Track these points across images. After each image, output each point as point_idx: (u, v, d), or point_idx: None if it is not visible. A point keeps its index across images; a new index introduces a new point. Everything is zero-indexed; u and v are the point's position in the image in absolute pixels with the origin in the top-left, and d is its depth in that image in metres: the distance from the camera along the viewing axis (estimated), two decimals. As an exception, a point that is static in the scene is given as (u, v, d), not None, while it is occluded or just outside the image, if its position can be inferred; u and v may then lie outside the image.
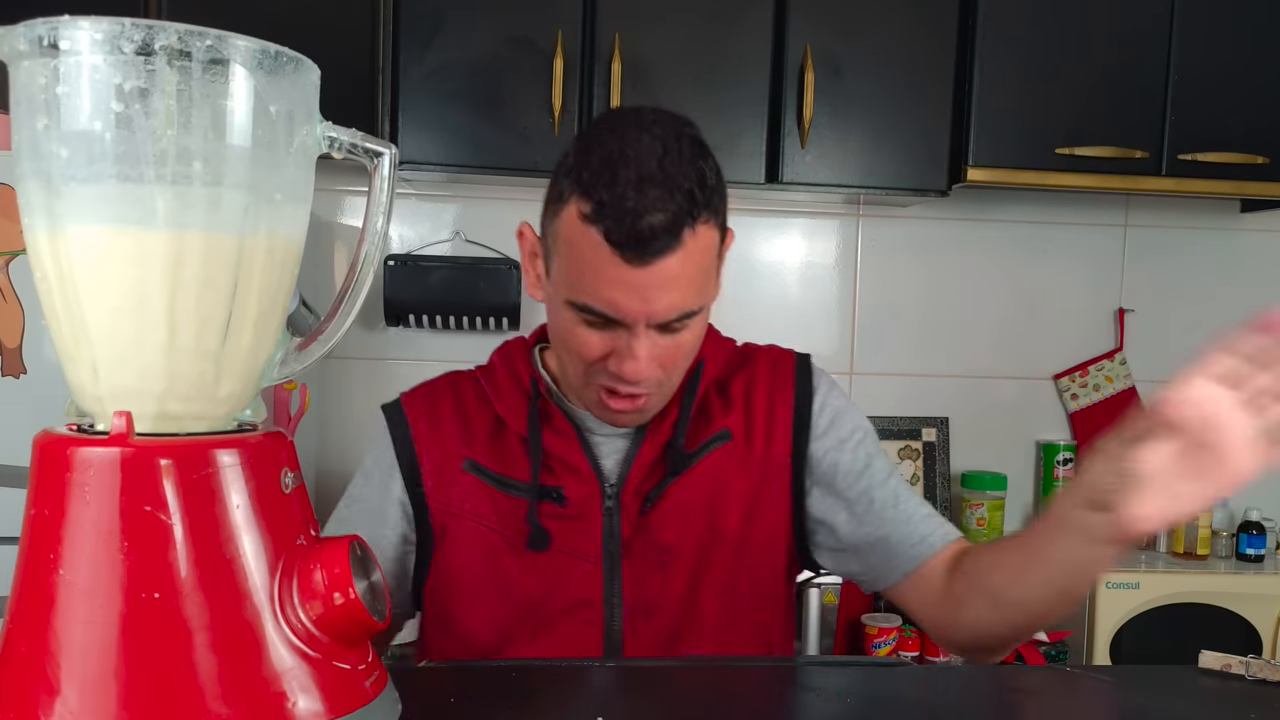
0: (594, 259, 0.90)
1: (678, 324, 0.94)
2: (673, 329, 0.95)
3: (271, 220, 0.59)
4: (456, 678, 0.79)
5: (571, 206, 0.92)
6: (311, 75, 0.60)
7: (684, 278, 0.92)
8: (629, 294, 0.90)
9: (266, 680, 0.56)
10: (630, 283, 0.90)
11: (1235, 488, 0.77)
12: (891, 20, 2.11)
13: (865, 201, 2.45)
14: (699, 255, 0.92)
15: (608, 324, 0.93)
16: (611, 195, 0.89)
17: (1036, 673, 1.23)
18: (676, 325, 0.94)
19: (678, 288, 0.92)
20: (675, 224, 0.89)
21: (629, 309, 0.91)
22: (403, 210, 2.36)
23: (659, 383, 0.98)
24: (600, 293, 0.91)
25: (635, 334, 0.93)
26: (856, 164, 2.12)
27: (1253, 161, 2.15)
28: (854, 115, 2.11)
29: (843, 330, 2.49)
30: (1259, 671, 0.82)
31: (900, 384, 2.49)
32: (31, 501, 0.56)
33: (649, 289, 0.90)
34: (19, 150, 0.56)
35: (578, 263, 0.92)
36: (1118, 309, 2.53)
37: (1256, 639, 2.15)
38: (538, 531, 1.01)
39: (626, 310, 0.91)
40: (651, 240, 0.88)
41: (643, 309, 0.91)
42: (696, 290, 0.94)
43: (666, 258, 0.89)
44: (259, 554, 0.57)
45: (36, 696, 0.53)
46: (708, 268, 0.95)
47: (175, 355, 0.57)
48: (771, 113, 2.09)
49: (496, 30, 2.03)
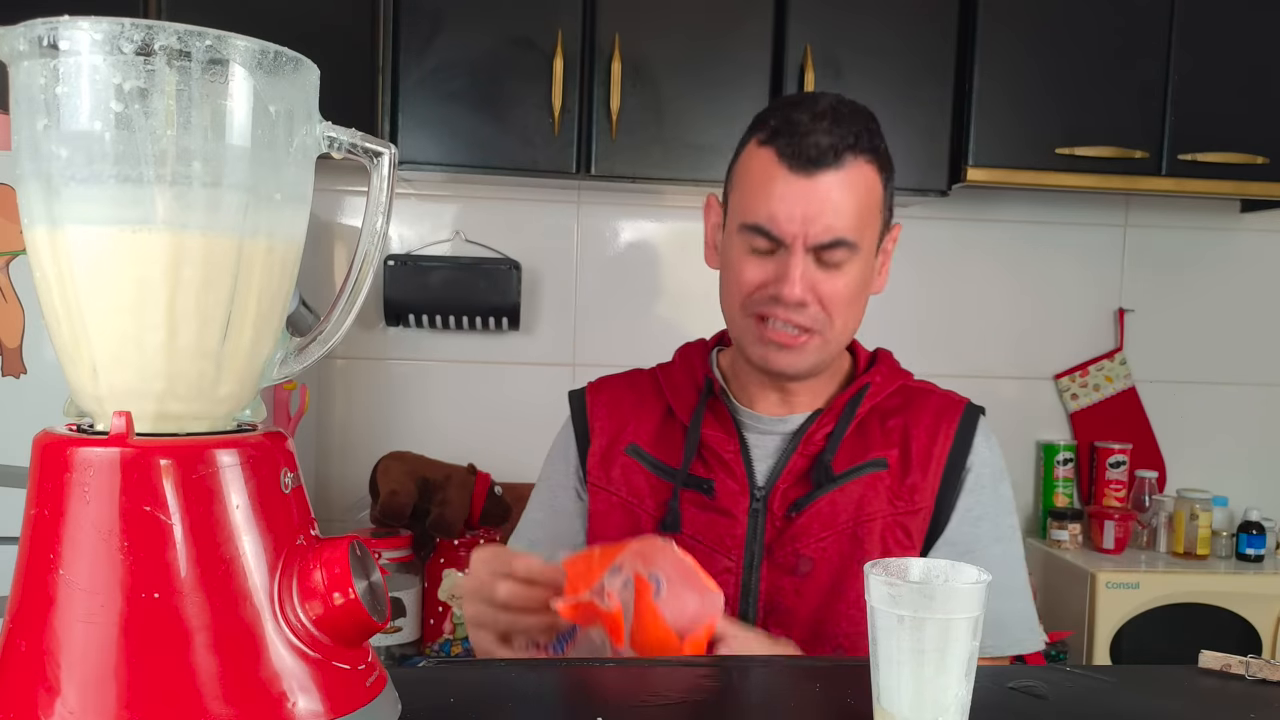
0: (763, 175, 1.02)
1: (833, 253, 1.02)
2: (828, 261, 1.02)
3: (271, 220, 0.59)
4: (456, 678, 0.79)
5: (751, 142, 1.05)
6: (311, 75, 0.60)
7: (843, 203, 1.01)
8: (790, 207, 1.00)
9: (266, 680, 0.56)
10: (793, 195, 1.00)
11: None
12: (891, 20, 2.11)
13: (865, 201, 2.45)
14: (859, 187, 1.02)
15: (770, 249, 1.03)
16: (785, 120, 1.02)
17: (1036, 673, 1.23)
18: (832, 256, 1.02)
19: (836, 209, 1.01)
20: (839, 145, 1.00)
21: (789, 223, 1.01)
22: (403, 210, 2.36)
23: (814, 321, 1.03)
24: (765, 207, 1.01)
25: (793, 254, 1.01)
26: (856, 164, 2.12)
27: (1253, 161, 2.15)
28: (854, 115, 2.11)
29: (843, 330, 2.49)
30: (1259, 671, 0.82)
31: (900, 384, 2.49)
32: (31, 501, 0.56)
33: (809, 203, 1.00)
34: (19, 150, 0.56)
35: (749, 183, 1.04)
36: (1118, 309, 2.53)
37: (1256, 639, 2.15)
38: (673, 514, 1.06)
39: (786, 225, 1.01)
40: (817, 155, 1.00)
41: (801, 225, 1.00)
42: (854, 222, 1.02)
43: (828, 172, 1.00)
44: (259, 554, 0.57)
45: (36, 696, 0.53)
46: (868, 207, 1.03)
47: (175, 355, 0.57)
48: (771, 113, 2.09)
49: (496, 30, 2.03)
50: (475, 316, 2.29)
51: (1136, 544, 2.37)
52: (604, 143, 2.05)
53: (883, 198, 1.06)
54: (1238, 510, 2.37)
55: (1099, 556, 2.29)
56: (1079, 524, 2.38)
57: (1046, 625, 2.18)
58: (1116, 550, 2.31)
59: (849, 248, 1.02)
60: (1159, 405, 2.53)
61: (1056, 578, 2.28)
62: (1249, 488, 2.48)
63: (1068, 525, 2.35)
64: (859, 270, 1.05)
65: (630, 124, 2.05)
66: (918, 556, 1.06)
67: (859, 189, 1.02)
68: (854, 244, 1.02)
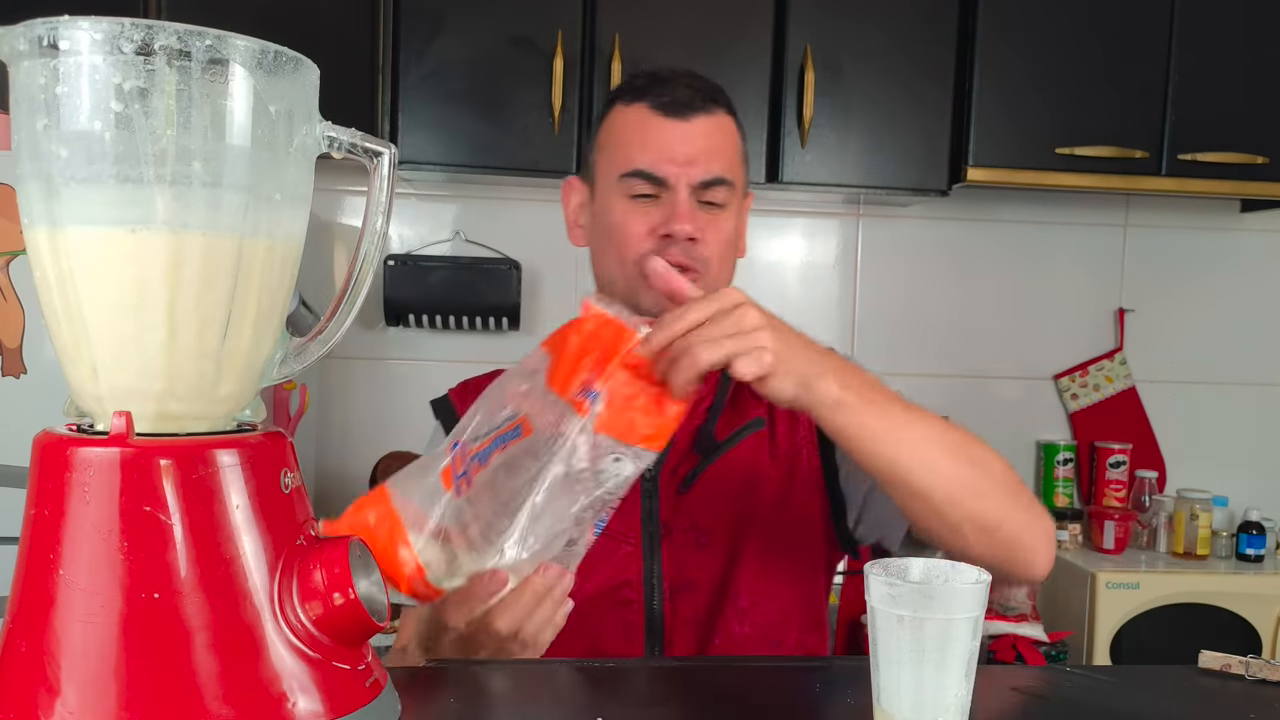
0: (639, 126, 1.06)
1: (715, 191, 1.06)
2: (711, 202, 1.06)
3: (271, 220, 0.59)
4: (456, 678, 0.79)
5: (616, 105, 1.10)
6: (311, 75, 0.60)
7: (717, 145, 1.06)
8: (670, 148, 1.05)
9: (266, 680, 0.56)
10: (671, 138, 1.05)
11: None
12: (891, 20, 2.11)
13: (865, 201, 2.45)
14: (728, 135, 1.08)
15: (654, 191, 1.05)
16: (650, 80, 1.08)
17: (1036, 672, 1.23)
18: (715, 195, 1.06)
19: (713, 151, 1.06)
20: (706, 94, 1.07)
21: (670, 164, 1.04)
22: (403, 210, 2.36)
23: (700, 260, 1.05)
24: (644, 152, 1.05)
25: (678, 192, 1.05)
26: (856, 164, 2.12)
27: (1253, 161, 2.15)
28: (854, 115, 2.11)
29: (843, 330, 2.49)
30: (1259, 671, 0.82)
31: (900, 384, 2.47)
32: (31, 501, 0.56)
33: (688, 142, 1.05)
34: (19, 150, 0.56)
35: (624, 136, 1.08)
36: (1118, 309, 2.53)
37: (1256, 639, 2.15)
38: None
39: (669, 165, 1.04)
40: (688, 101, 1.05)
41: (684, 165, 1.04)
42: (729, 165, 1.07)
43: (702, 116, 1.06)
44: (259, 554, 0.57)
45: (36, 696, 0.53)
46: (736, 157, 1.09)
47: (175, 355, 0.57)
48: (771, 113, 2.09)
49: (496, 30, 2.03)
50: (475, 316, 2.29)
51: (1136, 544, 2.37)
52: (604, 143, 2.05)
53: (744, 154, 1.12)
54: (1238, 510, 2.37)
55: (1099, 556, 2.29)
56: (1079, 524, 2.38)
57: (1047, 625, 2.18)
58: (1116, 550, 2.31)
59: (728, 187, 1.06)
60: (1159, 405, 2.53)
61: (1057, 578, 2.28)
62: (1249, 488, 2.48)
63: (1068, 525, 2.35)
64: (733, 219, 1.09)
65: (630, 124, 2.05)
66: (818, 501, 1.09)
67: (727, 135, 1.08)
68: (732, 183, 1.06)
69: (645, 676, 0.82)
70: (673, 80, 1.07)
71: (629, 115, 1.08)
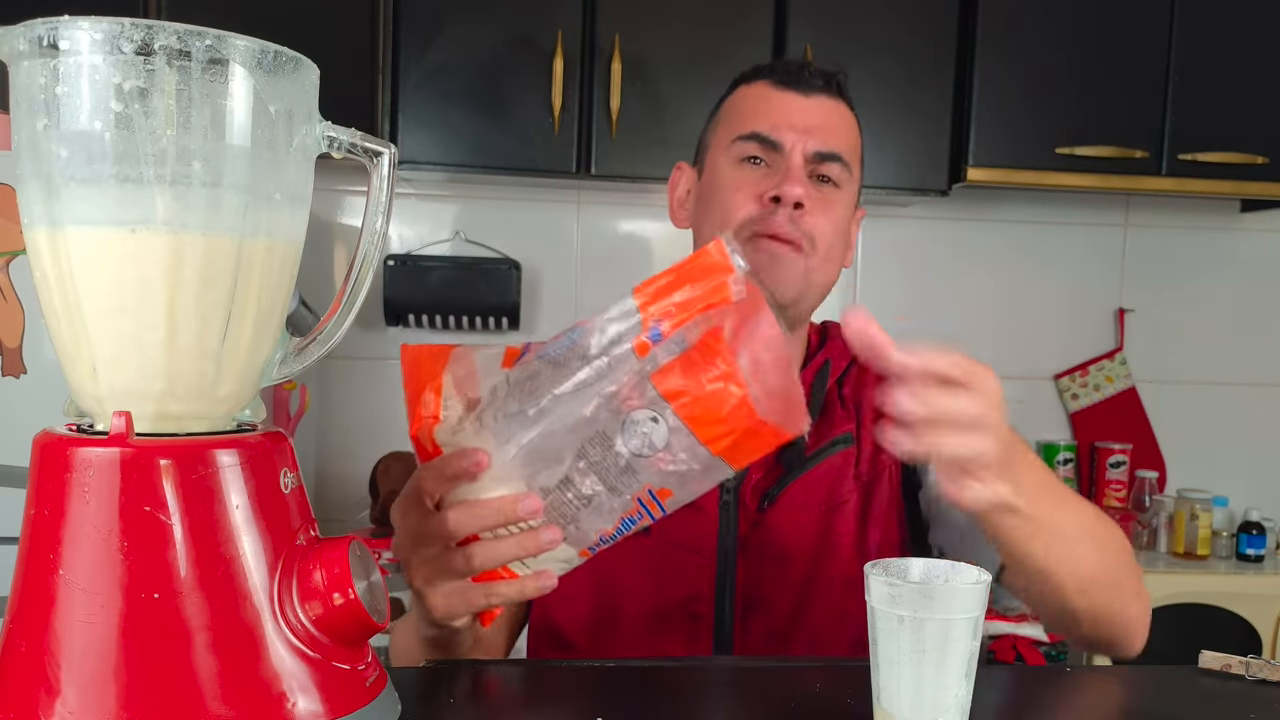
0: (759, 98, 1.04)
1: (830, 166, 1.02)
2: (824, 178, 1.02)
3: (271, 220, 0.59)
4: (456, 678, 0.79)
5: (738, 89, 1.08)
6: (311, 75, 0.60)
7: (838, 126, 1.04)
8: (789, 116, 1.02)
9: (266, 680, 0.56)
10: (791, 108, 1.02)
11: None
12: (891, 20, 2.11)
13: (865, 201, 2.45)
14: (848, 123, 1.05)
15: (766, 156, 1.02)
16: (777, 63, 1.07)
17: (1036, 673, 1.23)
18: (829, 170, 1.02)
19: (832, 128, 1.03)
20: (831, 79, 1.05)
21: (788, 130, 1.01)
22: (403, 210, 2.36)
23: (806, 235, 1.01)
24: (764, 118, 1.02)
25: (791, 157, 1.01)
26: (856, 164, 2.12)
27: (1253, 161, 2.15)
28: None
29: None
30: (1259, 671, 0.82)
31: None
32: (31, 501, 0.56)
33: (808, 114, 1.02)
34: (19, 150, 0.56)
35: (741, 110, 1.05)
36: (1118, 309, 2.53)
37: (1256, 639, 2.15)
38: None
39: (786, 131, 1.01)
40: (813, 78, 1.03)
41: (801, 134, 1.01)
42: (847, 147, 1.04)
43: (824, 96, 1.04)
44: (258, 554, 0.57)
45: (36, 696, 0.53)
46: (855, 149, 1.06)
47: (174, 355, 0.57)
48: (771, 113, 2.09)
49: (496, 30, 2.03)
50: (475, 316, 2.29)
51: (1137, 544, 2.37)
52: (604, 143, 2.05)
53: (862, 156, 1.08)
54: (1238, 510, 2.37)
55: (1099, 556, 2.29)
56: (1079, 524, 2.38)
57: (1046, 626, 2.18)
58: (1116, 550, 2.31)
59: (844, 166, 1.03)
60: (1159, 405, 2.53)
61: (1056, 578, 2.28)
62: (1249, 488, 2.48)
63: (1068, 525, 2.35)
64: (844, 208, 1.04)
65: (630, 124, 2.05)
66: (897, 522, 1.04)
67: (848, 123, 1.05)
68: (848, 164, 1.03)
69: (645, 676, 0.82)
70: (800, 64, 1.06)
71: (749, 90, 1.06)
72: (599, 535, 0.72)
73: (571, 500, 0.70)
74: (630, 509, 0.71)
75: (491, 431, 0.70)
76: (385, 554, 2.03)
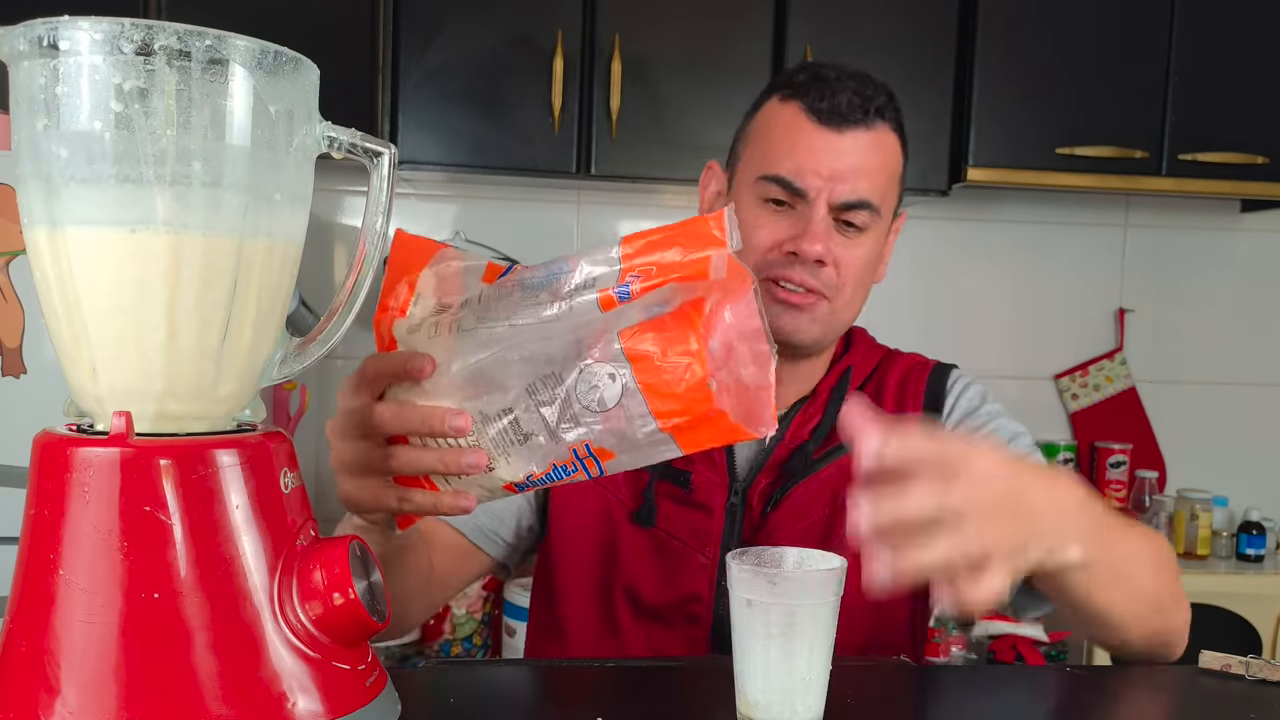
0: (789, 128, 0.98)
1: (856, 214, 0.97)
2: (850, 224, 0.98)
3: (271, 220, 0.59)
4: (456, 678, 0.79)
5: (773, 98, 1.01)
6: (311, 75, 0.60)
7: (870, 164, 0.98)
8: (816, 160, 0.96)
9: (266, 680, 0.56)
10: (819, 149, 0.96)
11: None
12: (891, 20, 2.11)
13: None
14: (885, 152, 0.99)
15: (790, 200, 0.98)
16: (813, 76, 0.99)
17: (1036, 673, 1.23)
18: (855, 218, 0.98)
19: (862, 169, 0.97)
20: (868, 106, 0.97)
21: (814, 176, 0.96)
22: (403, 210, 2.36)
23: (827, 285, 0.98)
24: (789, 158, 0.97)
25: (815, 208, 0.97)
26: (856, 164, 2.12)
27: (1253, 161, 2.15)
28: (854, 115, 2.11)
29: (843, 330, 2.50)
30: (1259, 671, 0.82)
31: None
32: (31, 501, 0.56)
33: (836, 157, 0.96)
34: (19, 150, 0.56)
35: (771, 137, 1.00)
36: (1118, 309, 2.53)
37: (1256, 639, 2.15)
38: (648, 507, 1.01)
39: (812, 177, 0.96)
40: (847, 111, 0.96)
41: (827, 180, 0.96)
42: (878, 186, 0.98)
43: (857, 130, 0.97)
44: (258, 554, 0.57)
45: (36, 696, 0.53)
46: (890, 175, 1.00)
47: (174, 355, 0.57)
48: (771, 113, 2.09)
49: (496, 30, 2.03)
50: (475, 316, 2.28)
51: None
52: (604, 143, 2.05)
53: (901, 173, 1.03)
54: (1238, 510, 2.37)
55: (1099, 556, 2.29)
56: (1079, 524, 2.37)
57: (1046, 625, 2.18)
58: (1116, 550, 2.31)
59: (871, 211, 0.98)
60: (1159, 405, 2.53)
61: (1056, 578, 2.28)
62: (1249, 488, 2.48)
63: (1068, 525, 2.35)
64: (873, 243, 1.01)
65: (630, 124, 2.05)
66: None
67: (884, 154, 0.99)
68: (877, 208, 0.99)
69: (645, 676, 0.82)
70: (837, 82, 0.98)
71: (781, 113, 1.00)
72: (527, 475, 0.70)
73: (507, 431, 0.68)
74: (566, 458, 0.68)
75: (445, 342, 0.69)
76: (385, 554, 2.03)
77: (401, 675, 0.71)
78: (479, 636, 2.11)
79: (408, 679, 0.73)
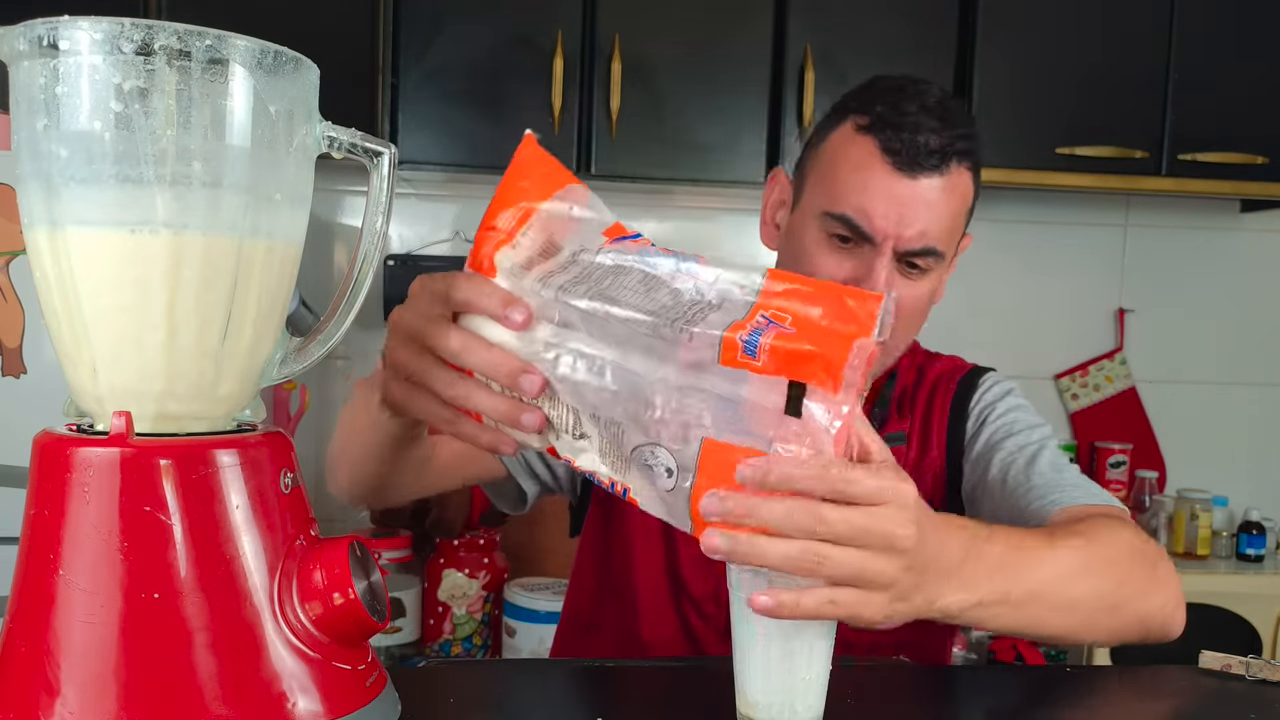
0: (861, 165, 0.94)
1: (921, 260, 0.95)
2: (914, 268, 0.96)
3: (271, 220, 0.59)
4: (456, 678, 0.79)
5: (847, 123, 0.96)
6: (311, 75, 0.60)
7: (940, 210, 0.94)
8: (886, 206, 0.93)
9: (266, 680, 0.56)
10: (891, 194, 0.93)
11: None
12: (891, 20, 2.11)
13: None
14: (956, 197, 0.96)
15: (854, 243, 0.95)
16: (892, 110, 0.93)
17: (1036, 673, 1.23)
18: (919, 262, 0.95)
19: (932, 216, 0.94)
20: (947, 150, 0.93)
21: (883, 222, 0.93)
22: (402, 210, 2.36)
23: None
24: (859, 200, 0.93)
25: (880, 255, 0.94)
26: (856, 164, 2.12)
27: (1253, 161, 2.15)
28: (854, 115, 2.11)
29: (843, 330, 2.50)
30: (1259, 671, 0.82)
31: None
32: (31, 501, 0.56)
33: (907, 205, 0.93)
34: (19, 150, 0.56)
35: (842, 171, 0.95)
36: (1118, 309, 2.53)
37: (1256, 639, 2.15)
38: None
39: (880, 223, 0.93)
40: (925, 155, 0.92)
41: (895, 226, 0.93)
42: (945, 232, 0.96)
43: (932, 177, 0.93)
44: (258, 554, 0.57)
45: (36, 696, 0.53)
46: (960, 216, 0.98)
47: (174, 355, 0.57)
48: (772, 112, 2.09)
49: (496, 30, 2.03)
50: (475, 316, 2.28)
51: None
52: (604, 143, 2.05)
53: (971, 205, 1.01)
54: (1238, 510, 2.37)
55: (1099, 556, 2.29)
56: (1079, 524, 2.37)
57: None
58: (1116, 550, 2.31)
59: (937, 257, 0.97)
60: (1159, 405, 2.53)
61: (1056, 578, 2.28)
62: (1249, 488, 2.48)
63: (1068, 525, 2.35)
64: (935, 280, 1.00)
65: (630, 124, 2.05)
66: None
67: (956, 197, 0.96)
68: (942, 254, 0.97)
69: (645, 676, 0.82)
70: (917, 117, 0.93)
71: (854, 146, 0.95)
72: (567, 460, 0.66)
73: (564, 420, 0.63)
74: (605, 480, 0.65)
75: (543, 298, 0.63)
76: (385, 554, 2.04)
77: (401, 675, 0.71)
78: (479, 636, 2.11)
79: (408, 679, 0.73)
